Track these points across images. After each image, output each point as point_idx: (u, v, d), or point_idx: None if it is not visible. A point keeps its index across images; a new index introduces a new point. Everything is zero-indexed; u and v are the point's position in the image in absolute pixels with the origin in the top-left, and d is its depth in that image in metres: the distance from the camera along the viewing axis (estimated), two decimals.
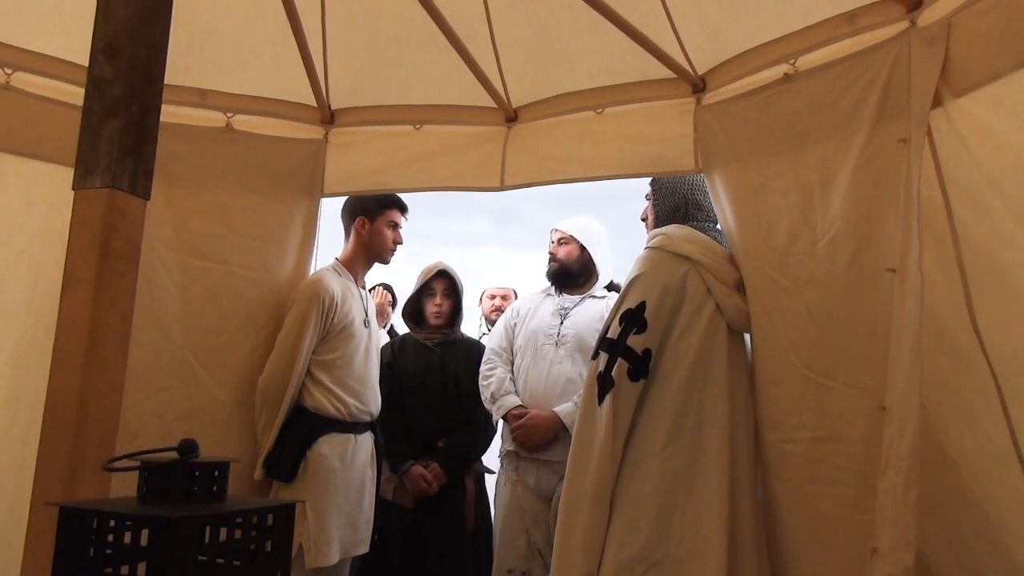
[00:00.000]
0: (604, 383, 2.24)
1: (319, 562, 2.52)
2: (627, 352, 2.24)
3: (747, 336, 2.35)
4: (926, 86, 1.92)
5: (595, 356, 2.34)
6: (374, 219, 2.90)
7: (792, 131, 2.24)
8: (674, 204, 2.55)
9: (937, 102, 1.91)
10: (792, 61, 2.25)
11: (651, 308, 2.26)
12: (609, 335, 2.30)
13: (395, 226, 2.95)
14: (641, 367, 2.22)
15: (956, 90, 1.89)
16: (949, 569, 1.96)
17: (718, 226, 2.52)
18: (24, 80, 2.44)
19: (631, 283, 2.37)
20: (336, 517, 2.61)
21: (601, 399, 2.22)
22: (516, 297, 4.22)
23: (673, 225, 2.48)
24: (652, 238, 2.46)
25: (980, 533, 1.91)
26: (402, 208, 2.99)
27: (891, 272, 1.93)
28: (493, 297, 4.33)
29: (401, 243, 2.98)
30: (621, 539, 2.09)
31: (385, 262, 2.99)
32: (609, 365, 2.26)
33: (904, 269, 1.87)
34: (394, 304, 4.19)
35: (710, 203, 2.50)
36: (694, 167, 2.54)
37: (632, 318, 2.27)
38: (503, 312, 3.71)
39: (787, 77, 2.27)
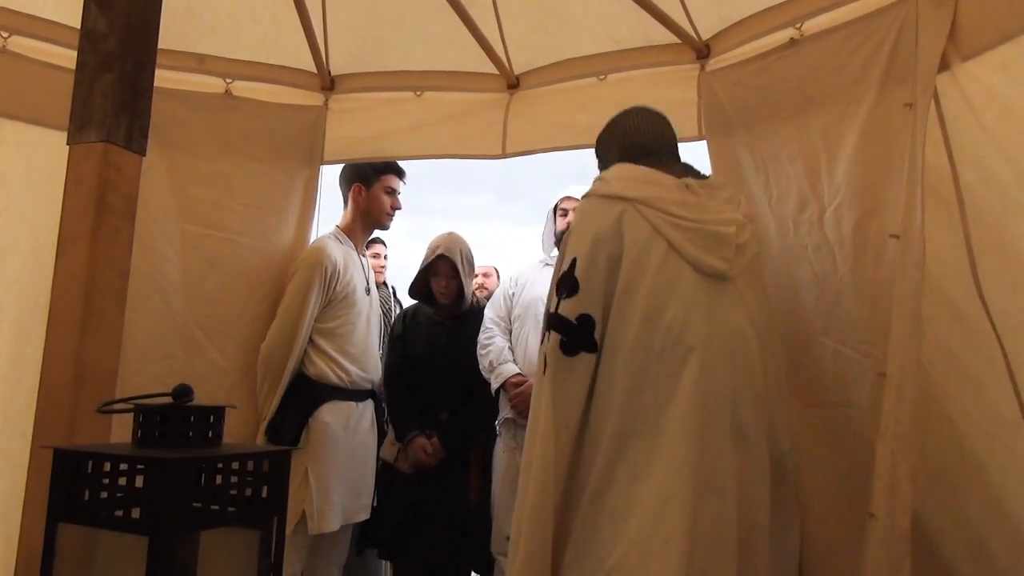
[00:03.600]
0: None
1: (322, 528, 2.54)
2: (560, 322, 1.76)
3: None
4: (933, 49, 1.89)
5: (543, 340, 1.84)
6: (371, 185, 2.87)
7: (798, 97, 2.22)
8: (615, 156, 2.02)
9: (944, 66, 1.89)
10: (798, 25, 2.22)
11: (581, 264, 1.76)
12: (550, 310, 1.83)
13: (392, 191, 2.91)
14: (578, 337, 1.74)
15: (964, 53, 1.86)
16: (948, 534, 1.96)
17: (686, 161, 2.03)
18: (22, 44, 2.42)
19: (563, 243, 1.89)
20: (338, 484, 2.63)
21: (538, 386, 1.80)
22: (497, 275, 4.19)
23: (615, 165, 1.95)
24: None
25: (980, 499, 1.91)
26: (399, 173, 2.94)
27: (894, 238, 1.91)
28: (475, 275, 4.29)
29: (399, 208, 2.94)
30: (575, 546, 1.69)
31: (384, 227, 2.96)
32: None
33: (907, 236, 1.86)
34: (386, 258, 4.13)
35: (658, 138, 2.00)
36: (697, 134, 2.52)
37: (564, 282, 1.79)
38: (484, 289, 3.65)
39: (793, 42, 2.24)
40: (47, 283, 2.31)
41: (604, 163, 2.08)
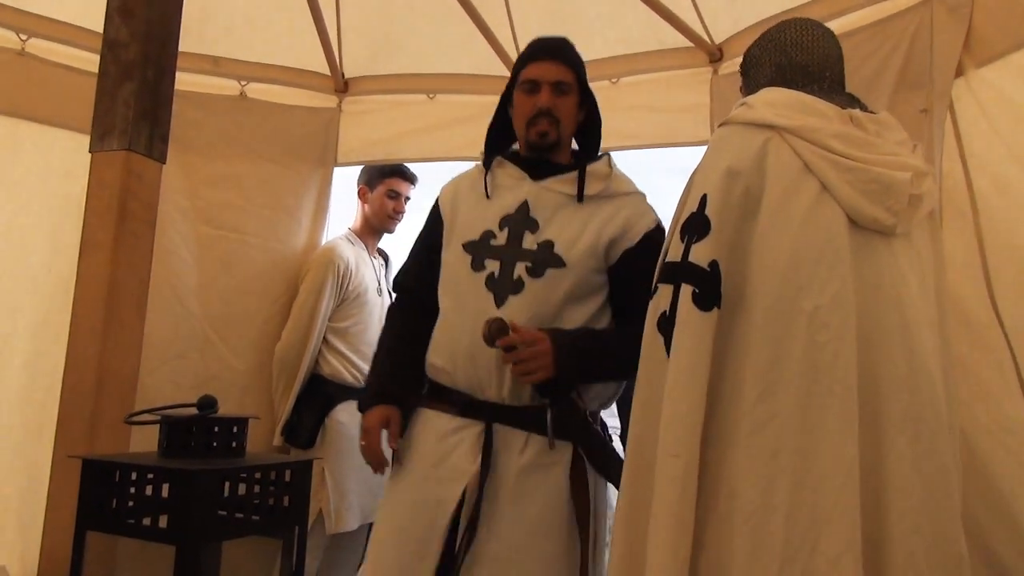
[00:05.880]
0: (670, 327, 1.43)
1: (339, 527, 2.56)
2: (690, 271, 1.42)
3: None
4: (949, 56, 1.90)
5: (652, 294, 1.51)
6: (373, 188, 2.85)
7: None
8: (766, 81, 1.65)
9: (959, 72, 1.89)
10: None
11: (713, 201, 1.43)
12: (669, 259, 1.49)
13: (396, 195, 2.85)
14: (711, 288, 1.40)
15: (978, 60, 1.86)
16: None
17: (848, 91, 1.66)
18: (39, 46, 2.44)
19: (688, 182, 1.55)
20: (355, 483, 2.64)
21: (670, 350, 1.43)
22: None
23: (764, 89, 1.60)
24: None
25: (990, 504, 1.91)
26: (404, 176, 2.87)
27: None
28: None
29: (402, 212, 2.88)
30: (706, 555, 1.34)
31: (388, 231, 2.91)
32: (674, 298, 1.44)
33: None
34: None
35: (822, 61, 1.64)
36: (710, 138, 2.52)
37: (692, 223, 1.46)
38: None
39: None
40: (64, 283, 2.36)
41: (752, 85, 1.72)
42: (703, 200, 1.43)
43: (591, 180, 1.72)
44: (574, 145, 1.86)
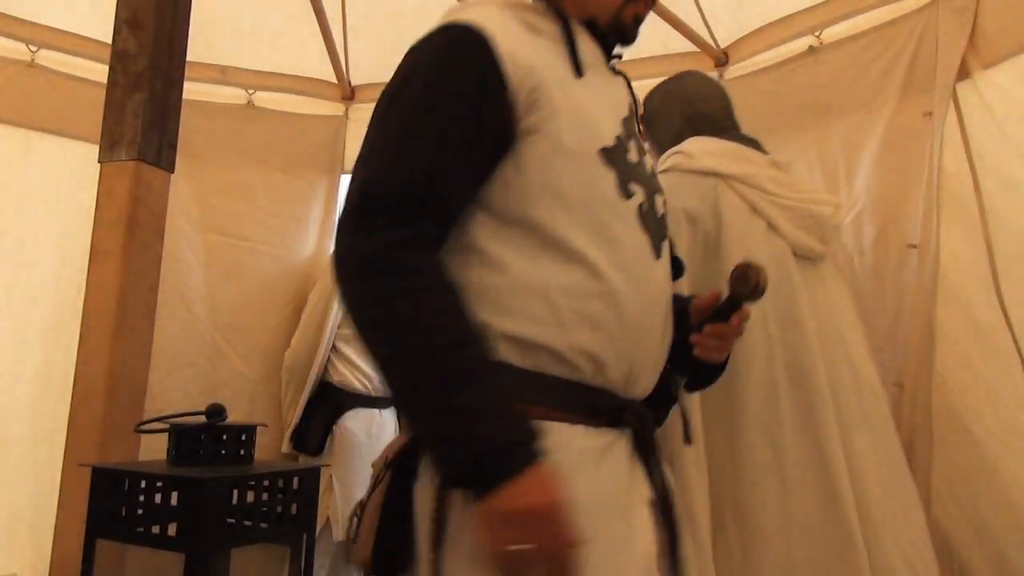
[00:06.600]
0: None
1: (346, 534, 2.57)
2: None
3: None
4: (953, 58, 1.89)
5: None
6: None
7: (816, 106, 2.22)
8: (675, 131, 1.71)
9: (965, 74, 1.89)
10: (817, 33, 2.22)
11: (681, 243, 1.50)
12: None
13: None
14: None
15: (985, 61, 1.86)
16: (969, 544, 1.95)
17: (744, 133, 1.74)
18: (49, 58, 2.47)
19: None
20: (363, 490, 2.64)
21: None
22: None
23: (689, 139, 1.68)
24: (662, 162, 1.66)
25: (1000, 509, 1.90)
26: None
27: (912, 248, 1.92)
28: None
29: None
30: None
31: None
32: None
33: (925, 246, 1.86)
34: None
35: (724, 110, 1.72)
36: None
37: None
38: None
39: (812, 50, 2.24)
40: (73, 292, 2.38)
41: (658, 134, 1.75)
42: None
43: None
44: None
